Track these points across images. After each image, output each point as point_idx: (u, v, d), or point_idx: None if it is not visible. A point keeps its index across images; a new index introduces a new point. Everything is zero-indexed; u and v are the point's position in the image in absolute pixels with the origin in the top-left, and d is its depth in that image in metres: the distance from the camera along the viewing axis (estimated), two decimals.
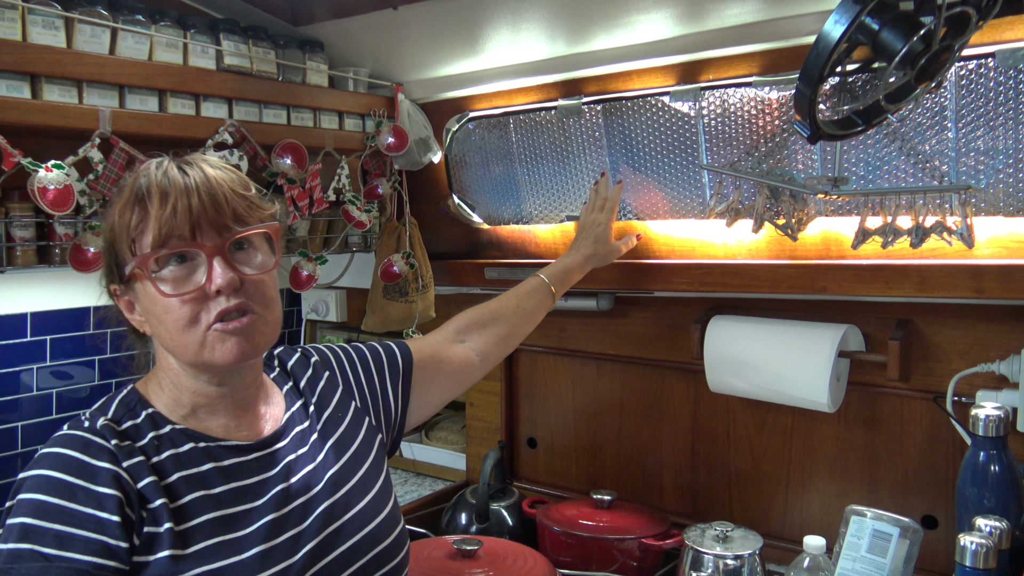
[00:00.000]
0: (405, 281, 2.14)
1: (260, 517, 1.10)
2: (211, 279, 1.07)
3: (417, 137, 2.10)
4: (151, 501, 1.03)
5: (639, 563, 1.81)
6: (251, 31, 1.78)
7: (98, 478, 1.01)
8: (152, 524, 1.02)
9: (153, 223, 1.06)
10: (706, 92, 1.72)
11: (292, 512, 1.14)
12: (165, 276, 1.07)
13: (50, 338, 2.00)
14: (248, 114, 1.76)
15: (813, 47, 1.20)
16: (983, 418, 1.33)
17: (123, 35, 1.55)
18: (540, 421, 2.31)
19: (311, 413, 1.27)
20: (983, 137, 1.48)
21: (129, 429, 1.09)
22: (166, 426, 1.11)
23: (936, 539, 1.69)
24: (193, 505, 1.06)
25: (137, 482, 1.03)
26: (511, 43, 1.86)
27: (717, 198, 1.78)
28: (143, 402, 1.13)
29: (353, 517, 1.19)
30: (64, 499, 0.98)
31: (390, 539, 1.23)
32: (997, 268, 1.48)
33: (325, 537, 1.14)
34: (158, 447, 1.09)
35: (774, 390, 1.76)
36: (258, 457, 1.16)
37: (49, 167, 1.42)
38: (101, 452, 1.03)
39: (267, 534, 1.09)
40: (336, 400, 1.32)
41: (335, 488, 1.20)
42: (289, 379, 1.31)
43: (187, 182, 1.07)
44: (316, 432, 1.25)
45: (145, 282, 1.08)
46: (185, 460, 1.09)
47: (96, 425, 1.07)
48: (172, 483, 1.06)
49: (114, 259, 1.12)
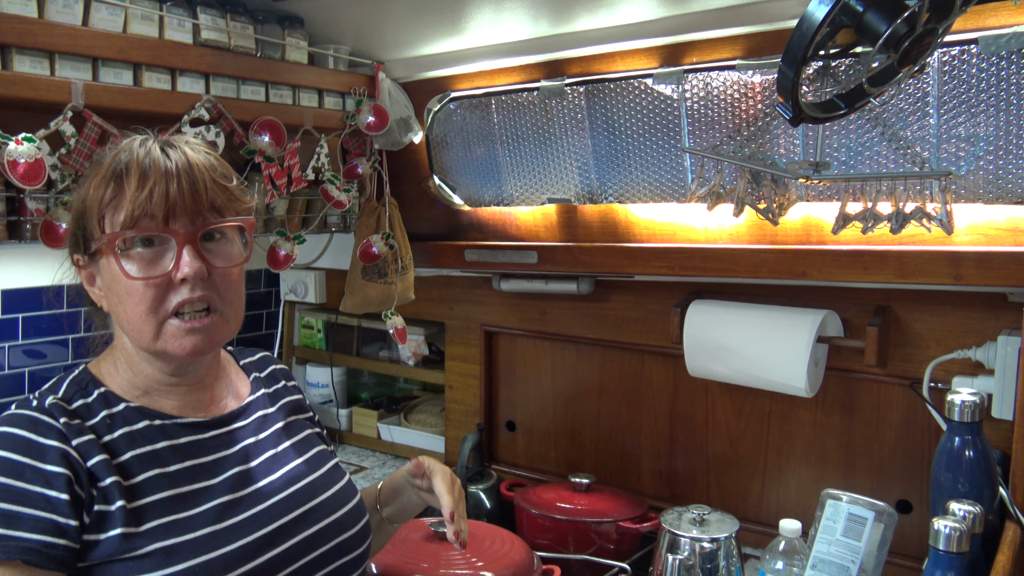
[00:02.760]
0: (384, 262, 2.12)
1: (213, 497, 1.09)
2: (178, 266, 1.05)
3: (398, 116, 2.07)
4: (101, 479, 1.02)
5: (616, 546, 1.81)
6: (229, 5, 1.74)
7: (46, 456, 0.99)
8: (103, 502, 1.01)
9: (127, 203, 1.04)
10: (689, 75, 1.71)
11: (249, 495, 1.12)
12: (132, 256, 1.06)
13: (22, 316, 1.97)
14: (225, 90, 1.73)
15: (796, 28, 1.19)
16: (959, 404, 1.34)
17: (97, 6, 1.51)
18: (519, 404, 2.30)
19: (279, 406, 1.27)
20: (964, 124, 1.48)
21: (80, 408, 1.07)
22: (119, 404, 1.10)
23: (911, 523, 1.70)
24: (146, 483, 1.05)
25: (87, 460, 1.02)
26: (494, 23, 1.84)
27: (699, 182, 1.77)
28: (95, 381, 1.11)
29: (319, 504, 1.19)
30: (11, 478, 0.97)
31: (355, 529, 1.22)
32: (975, 255, 1.49)
33: (288, 522, 1.13)
34: (110, 425, 1.07)
35: (753, 375, 1.76)
36: (215, 436, 1.15)
37: (20, 140, 1.39)
38: (49, 431, 1.01)
39: (219, 514, 1.07)
40: (295, 403, 1.33)
41: (299, 477, 1.19)
42: (263, 370, 1.33)
43: (168, 166, 1.05)
44: (281, 423, 1.24)
45: (110, 259, 1.07)
46: (139, 438, 1.08)
47: (44, 404, 1.05)
48: (125, 461, 1.05)
49: (81, 231, 1.10)
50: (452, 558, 1.57)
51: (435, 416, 2.52)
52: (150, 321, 1.06)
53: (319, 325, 2.71)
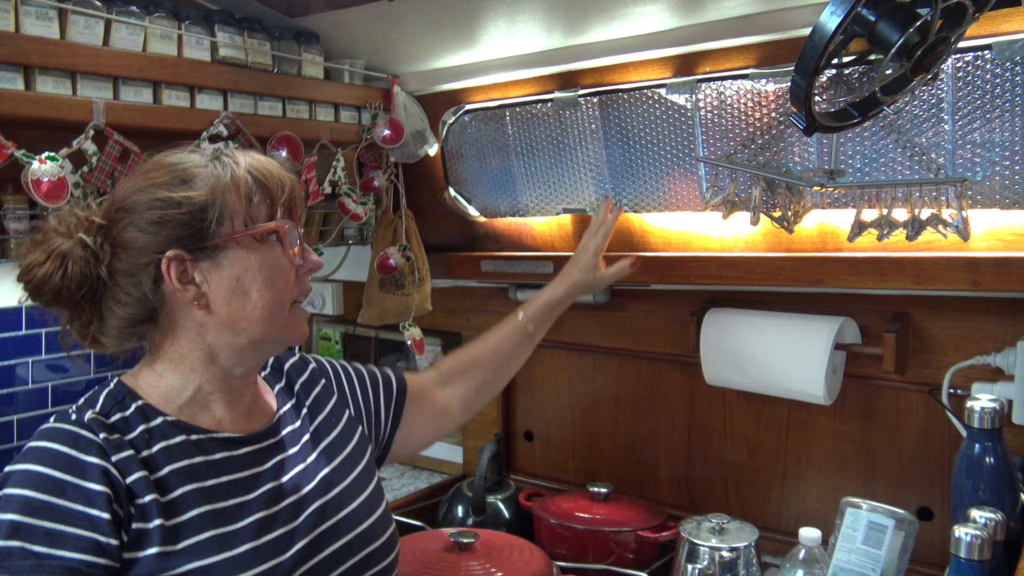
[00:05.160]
0: (401, 274, 2.13)
1: (251, 513, 1.09)
2: (307, 259, 1.14)
3: (413, 129, 2.09)
4: (140, 496, 1.01)
5: (635, 555, 1.81)
6: (246, 22, 1.77)
7: (87, 474, 0.99)
8: (140, 520, 1.00)
9: (274, 200, 1.11)
10: (702, 84, 1.72)
11: (282, 510, 1.13)
12: (266, 250, 1.11)
13: (45, 331, 1.99)
14: (243, 106, 1.76)
15: (809, 38, 1.19)
16: (978, 410, 1.33)
17: (117, 26, 1.54)
18: (536, 414, 2.31)
19: (303, 415, 1.27)
20: (979, 129, 1.47)
21: (118, 422, 1.06)
22: (157, 418, 1.09)
23: (931, 531, 1.69)
24: (185, 499, 1.05)
25: (126, 477, 1.01)
26: (507, 35, 1.86)
27: (713, 190, 1.78)
28: (132, 394, 1.10)
29: (346, 516, 1.19)
30: (54, 496, 0.96)
31: (382, 540, 1.23)
32: (993, 260, 1.48)
33: (317, 536, 1.14)
34: (148, 440, 1.06)
35: (770, 383, 1.76)
36: (249, 452, 1.15)
37: (43, 159, 1.41)
38: (90, 446, 1.01)
39: (257, 530, 1.08)
40: (331, 407, 1.32)
41: (327, 488, 1.20)
42: (282, 379, 1.31)
43: (283, 172, 1.14)
44: (308, 433, 1.25)
45: (251, 249, 1.09)
46: (176, 452, 1.08)
47: (84, 418, 1.04)
48: (163, 477, 1.05)
49: (201, 224, 1.07)
50: (471, 568, 1.58)
51: None
52: (285, 306, 1.12)
53: (337, 337, 2.73)
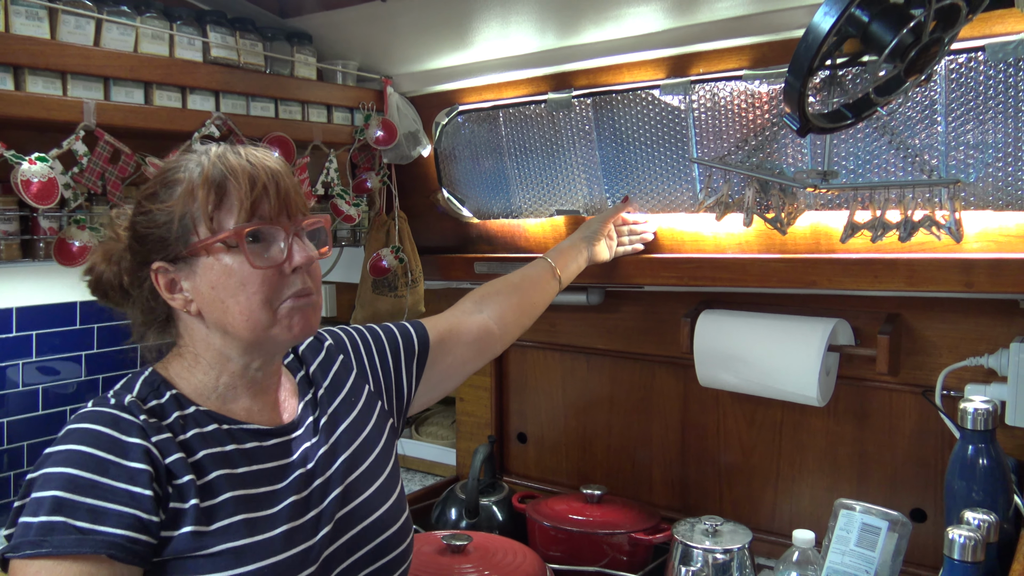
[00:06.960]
0: (394, 276, 2.13)
1: (284, 498, 1.12)
2: (291, 257, 1.10)
3: (406, 131, 2.08)
4: (178, 477, 1.04)
5: (629, 558, 1.81)
6: (238, 23, 1.76)
7: (130, 453, 1.01)
8: (178, 500, 1.03)
9: (239, 202, 1.08)
10: (696, 86, 1.72)
11: (312, 493, 1.16)
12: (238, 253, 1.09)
13: (36, 333, 1.98)
14: (235, 107, 1.75)
15: (802, 39, 1.19)
16: (971, 412, 1.33)
17: (108, 26, 1.53)
18: (530, 416, 2.30)
19: (320, 399, 1.28)
20: (973, 131, 1.48)
21: (154, 407, 1.09)
22: (190, 407, 1.12)
23: (925, 532, 1.69)
24: (218, 482, 1.07)
25: (166, 457, 1.04)
26: (501, 36, 1.85)
27: (707, 192, 1.78)
28: (166, 383, 1.13)
29: (363, 503, 1.21)
30: (97, 474, 0.98)
31: (396, 526, 1.24)
32: (986, 262, 1.48)
33: (337, 521, 1.17)
34: (183, 426, 1.09)
35: (764, 384, 1.76)
36: (276, 444, 1.17)
37: (33, 160, 1.41)
38: (131, 427, 1.03)
39: (291, 514, 1.11)
40: (350, 384, 1.33)
41: (346, 473, 1.21)
42: (301, 367, 1.32)
43: (267, 167, 1.10)
44: (326, 416, 1.26)
45: (218, 256, 1.08)
46: (209, 439, 1.10)
47: (124, 401, 1.07)
48: (199, 460, 1.07)
49: (171, 235, 1.09)
50: (464, 571, 1.58)
51: (446, 428, 2.52)
52: (266, 308, 1.10)
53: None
